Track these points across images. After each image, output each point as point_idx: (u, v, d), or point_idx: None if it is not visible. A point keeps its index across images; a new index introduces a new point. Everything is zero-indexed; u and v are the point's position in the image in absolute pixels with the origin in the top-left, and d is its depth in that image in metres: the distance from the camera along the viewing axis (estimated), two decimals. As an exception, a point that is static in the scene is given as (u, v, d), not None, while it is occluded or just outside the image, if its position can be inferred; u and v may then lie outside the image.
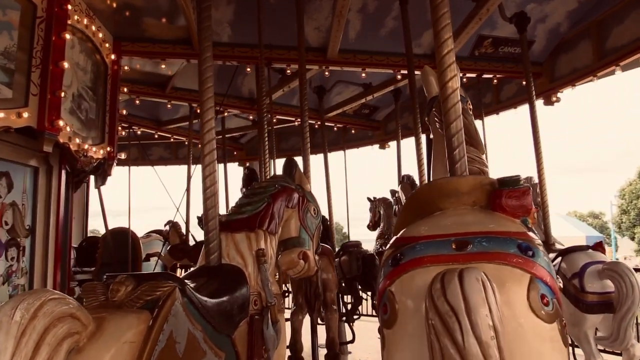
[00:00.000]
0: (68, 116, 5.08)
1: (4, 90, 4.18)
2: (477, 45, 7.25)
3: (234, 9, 6.33)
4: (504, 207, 1.73)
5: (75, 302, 1.60)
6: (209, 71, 2.91)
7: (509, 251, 1.53)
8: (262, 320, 2.58)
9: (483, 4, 5.90)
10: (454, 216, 1.76)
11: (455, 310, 1.27)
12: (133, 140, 10.61)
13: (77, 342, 1.59)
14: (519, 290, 1.48)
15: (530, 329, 1.46)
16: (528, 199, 1.74)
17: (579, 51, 6.93)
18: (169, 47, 6.72)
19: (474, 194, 1.81)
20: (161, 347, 1.76)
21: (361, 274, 6.42)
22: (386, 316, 1.65)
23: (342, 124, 10.55)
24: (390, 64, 7.25)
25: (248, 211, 2.82)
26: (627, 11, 6.07)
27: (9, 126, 4.19)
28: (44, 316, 1.46)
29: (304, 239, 3.06)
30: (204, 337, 2.07)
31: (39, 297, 1.49)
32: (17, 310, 1.42)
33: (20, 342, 1.40)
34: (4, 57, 4.21)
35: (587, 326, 4.18)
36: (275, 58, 6.90)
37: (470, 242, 1.56)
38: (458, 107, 2.02)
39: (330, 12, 6.22)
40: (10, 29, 4.29)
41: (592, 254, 4.34)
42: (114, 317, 1.74)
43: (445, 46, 2.07)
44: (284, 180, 3.10)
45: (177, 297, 1.93)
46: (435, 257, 1.56)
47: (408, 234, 1.77)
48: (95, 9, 5.72)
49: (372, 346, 6.98)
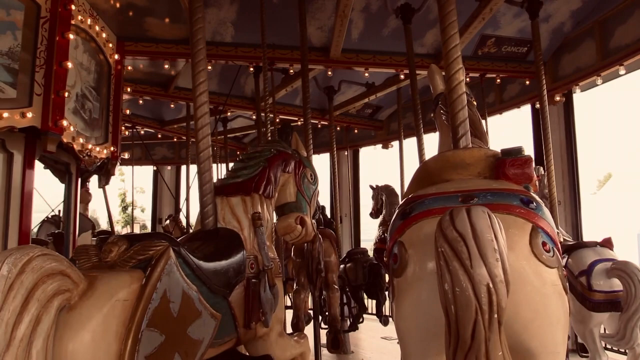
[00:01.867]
0: (72, 116, 5.09)
1: (8, 90, 4.20)
2: (480, 44, 7.24)
3: (237, 9, 6.33)
4: (507, 175, 1.81)
5: (65, 259, 1.56)
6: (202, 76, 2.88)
7: (512, 203, 1.63)
8: (259, 284, 2.54)
9: (486, 3, 5.88)
10: (460, 182, 1.85)
11: (463, 236, 1.34)
12: (136, 140, 10.65)
13: (68, 300, 1.55)
14: (522, 235, 1.56)
15: (533, 270, 1.53)
16: (530, 167, 1.83)
17: (582, 50, 6.92)
18: (172, 46, 6.73)
19: (479, 165, 1.89)
20: (155, 306, 1.72)
21: (367, 283, 6.40)
22: (396, 265, 1.71)
23: (345, 124, 10.55)
24: (393, 63, 7.24)
25: (243, 175, 2.79)
26: (630, 10, 6.05)
27: (13, 126, 4.21)
28: (33, 271, 1.42)
29: (301, 204, 3.03)
30: (199, 297, 2.02)
31: (26, 252, 1.45)
32: (3, 264, 1.38)
33: (7, 296, 1.36)
34: (8, 57, 4.23)
35: (593, 324, 4.16)
36: (278, 58, 6.91)
37: (476, 196, 1.66)
38: (463, 98, 2.11)
39: (333, 12, 6.22)
40: (14, 29, 4.30)
41: (600, 251, 4.29)
42: (106, 276, 1.70)
43: (452, 40, 2.14)
44: (280, 145, 3.06)
45: (171, 256, 1.88)
46: (443, 209, 1.60)
47: (416, 194, 1.85)
48: (98, 9, 5.73)
49: (376, 345, 6.99)
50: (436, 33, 6.81)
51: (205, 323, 2.04)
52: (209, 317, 2.07)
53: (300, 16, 5.40)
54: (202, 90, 2.85)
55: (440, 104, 2.85)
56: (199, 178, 2.81)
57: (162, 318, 1.75)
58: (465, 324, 1.29)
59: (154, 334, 1.71)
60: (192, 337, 1.93)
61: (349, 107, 9.55)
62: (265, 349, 2.69)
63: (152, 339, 1.70)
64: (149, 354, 1.67)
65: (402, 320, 1.71)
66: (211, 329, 2.10)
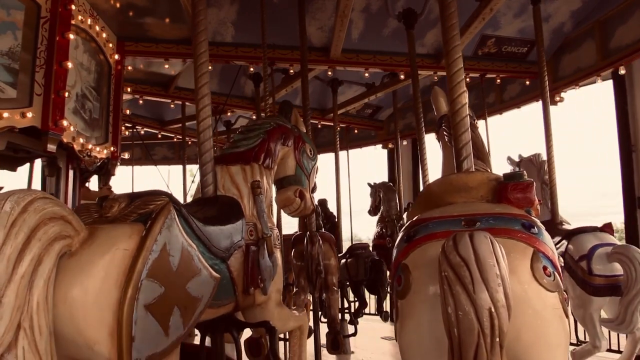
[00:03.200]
0: (72, 116, 5.10)
1: (8, 90, 4.20)
2: (481, 44, 7.24)
3: (237, 9, 6.34)
4: (509, 199, 1.86)
5: (67, 207, 1.57)
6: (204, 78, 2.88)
7: (514, 227, 1.67)
8: (258, 251, 2.57)
9: (486, 3, 5.88)
10: (463, 205, 1.90)
11: (466, 261, 1.39)
12: (137, 140, 10.65)
13: (69, 247, 1.56)
14: (523, 260, 1.60)
15: (534, 294, 1.56)
16: (532, 192, 1.87)
17: (582, 51, 6.91)
18: (172, 46, 6.73)
19: (482, 188, 1.94)
20: (155, 257, 1.72)
21: (368, 278, 6.42)
22: (400, 287, 1.74)
23: (345, 124, 10.56)
24: (393, 63, 7.25)
25: (243, 145, 2.81)
26: (631, 11, 6.05)
27: (13, 126, 4.21)
28: (35, 212, 1.43)
29: (300, 178, 3.06)
30: (199, 256, 2.03)
31: (29, 193, 1.45)
32: (6, 202, 1.38)
33: (10, 232, 1.36)
34: (8, 57, 4.23)
35: (593, 308, 4.15)
36: (278, 58, 6.91)
37: (479, 220, 1.71)
38: (466, 121, 2.16)
39: (333, 12, 6.22)
40: (15, 29, 4.30)
41: (600, 236, 4.28)
42: (107, 227, 1.72)
43: (455, 65, 2.18)
44: (280, 119, 3.09)
45: (171, 210, 1.88)
46: (446, 233, 1.65)
47: (420, 217, 1.89)
48: (99, 9, 5.74)
49: (375, 345, 6.99)
50: (436, 33, 6.81)
51: (204, 281, 2.04)
52: (207, 277, 2.07)
53: (300, 16, 5.40)
54: (205, 93, 2.86)
55: (444, 126, 2.93)
56: (198, 142, 2.80)
57: (161, 270, 1.76)
58: (467, 347, 1.35)
59: (154, 285, 1.71)
60: (191, 294, 1.94)
61: (349, 107, 9.55)
62: (264, 317, 2.70)
63: (152, 290, 1.70)
64: (148, 303, 1.67)
65: (406, 341, 1.74)
66: (210, 287, 2.09)
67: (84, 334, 1.55)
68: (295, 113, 3.27)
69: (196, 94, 2.85)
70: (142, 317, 1.64)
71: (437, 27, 6.56)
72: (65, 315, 1.52)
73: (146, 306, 1.66)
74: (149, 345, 1.68)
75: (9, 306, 1.32)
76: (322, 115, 9.85)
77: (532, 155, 5.44)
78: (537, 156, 5.37)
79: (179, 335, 1.85)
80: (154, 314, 1.70)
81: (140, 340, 1.63)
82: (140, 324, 1.63)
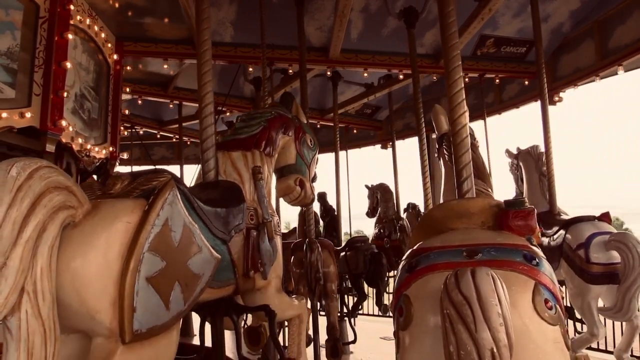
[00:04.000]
0: (70, 116, 5.09)
1: (6, 90, 4.20)
2: (480, 45, 7.24)
3: (237, 9, 6.33)
4: (510, 227, 1.86)
5: (71, 177, 1.59)
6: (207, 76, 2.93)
7: (515, 259, 1.66)
8: (259, 235, 2.59)
9: (485, 3, 5.88)
10: (464, 233, 1.90)
11: (468, 300, 1.39)
12: (135, 140, 10.64)
13: (72, 217, 1.58)
14: (524, 293, 1.59)
15: (535, 328, 1.56)
16: (533, 219, 1.87)
17: (581, 51, 6.92)
18: (171, 46, 6.73)
19: (483, 214, 1.94)
20: (156, 232, 1.75)
21: (367, 271, 6.44)
22: (402, 319, 1.74)
23: (344, 124, 10.55)
24: (392, 63, 7.25)
25: (244, 132, 2.85)
26: (629, 11, 6.05)
27: (11, 126, 4.21)
28: (40, 179, 1.44)
29: (301, 167, 3.10)
30: (200, 234, 2.05)
31: (34, 161, 1.46)
32: (12, 167, 1.40)
33: (16, 196, 1.37)
34: (7, 57, 4.22)
35: (591, 297, 4.16)
36: (277, 58, 6.90)
37: (480, 251, 1.70)
38: (467, 141, 2.17)
39: (332, 12, 6.21)
40: (13, 29, 4.30)
41: (598, 225, 4.30)
42: (111, 201, 1.76)
43: (455, 86, 2.18)
44: (281, 109, 3.12)
45: (174, 187, 1.91)
46: (447, 264, 1.67)
47: (421, 246, 1.90)
48: (97, 9, 5.73)
49: (374, 346, 6.98)
50: (435, 33, 6.81)
51: (206, 260, 2.07)
52: (209, 255, 2.10)
53: (298, 17, 5.39)
54: (208, 90, 2.91)
55: (445, 145, 2.96)
56: (200, 128, 2.84)
57: (163, 244, 1.78)
58: None
59: (155, 259, 1.74)
60: (193, 270, 1.96)
61: (348, 107, 9.55)
62: (264, 302, 2.72)
63: (154, 263, 1.73)
64: (150, 276, 1.70)
65: None
66: (211, 266, 2.12)
67: (86, 303, 1.58)
68: (296, 104, 3.31)
69: (199, 80, 2.89)
70: (143, 288, 1.67)
71: (436, 27, 6.55)
72: (68, 284, 1.55)
73: (148, 278, 1.69)
74: (150, 317, 1.71)
75: (13, 268, 1.34)
76: (321, 115, 9.84)
77: (529, 147, 5.45)
78: (535, 148, 5.36)
79: (179, 311, 1.88)
80: (155, 287, 1.72)
81: (141, 311, 1.66)
82: (142, 296, 1.66)
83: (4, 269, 1.33)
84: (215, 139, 2.85)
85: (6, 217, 1.34)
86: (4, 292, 1.32)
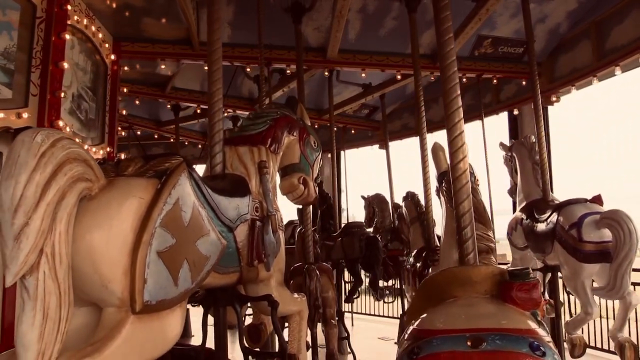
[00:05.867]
0: (68, 116, 5.08)
1: (3, 90, 4.18)
2: (477, 45, 7.25)
3: (234, 9, 6.33)
4: (514, 300, 1.83)
5: (89, 152, 1.65)
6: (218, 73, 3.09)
7: (521, 350, 1.64)
8: (263, 227, 2.66)
9: (483, 4, 5.89)
10: (467, 307, 1.87)
11: None
12: (133, 141, 10.62)
13: (89, 190, 1.65)
14: None
15: None
16: (538, 292, 1.85)
17: (578, 51, 6.94)
18: (169, 47, 6.72)
19: (486, 283, 1.92)
20: (168, 209, 1.82)
21: (363, 255, 6.46)
22: None
23: (342, 124, 10.56)
24: (390, 64, 7.25)
25: (251, 129, 2.94)
26: (627, 11, 6.08)
27: (8, 127, 4.19)
28: (62, 148, 1.51)
29: (304, 167, 3.17)
30: (208, 218, 2.13)
31: (56, 131, 1.54)
32: (37, 134, 1.46)
33: (40, 161, 1.43)
34: (4, 58, 4.21)
35: (584, 276, 4.20)
36: (275, 58, 6.90)
37: (484, 339, 1.68)
38: (468, 187, 2.15)
39: (330, 13, 6.22)
40: (10, 29, 4.28)
41: (590, 206, 4.35)
42: (125, 178, 1.84)
43: (456, 129, 2.15)
44: (286, 110, 3.21)
45: (185, 169, 1.99)
46: (451, 354, 1.65)
47: (424, 326, 1.87)
48: (95, 9, 5.72)
49: (373, 346, 6.99)
50: (433, 34, 6.82)
51: (213, 242, 2.14)
52: (216, 239, 2.17)
53: (295, 22, 5.39)
54: (218, 87, 3.06)
55: (444, 186, 2.96)
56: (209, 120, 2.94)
57: (174, 222, 1.85)
58: None
59: (167, 235, 1.80)
60: (200, 251, 2.03)
61: (346, 108, 9.56)
62: (266, 292, 2.78)
63: (165, 238, 1.79)
64: (161, 250, 1.77)
65: None
66: (218, 250, 2.19)
67: (100, 271, 1.63)
68: (301, 107, 3.42)
69: (209, 77, 3.03)
70: (154, 261, 1.73)
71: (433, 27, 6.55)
72: (83, 252, 1.60)
73: (159, 253, 1.76)
74: (160, 291, 1.77)
75: (34, 228, 1.40)
76: (318, 115, 9.85)
77: (522, 138, 5.51)
78: (527, 138, 5.44)
79: (187, 288, 1.93)
80: (165, 262, 1.79)
81: (152, 284, 1.72)
82: (153, 268, 1.73)
83: (25, 227, 1.39)
84: (222, 131, 2.94)
85: (30, 179, 1.40)
86: (24, 250, 1.38)
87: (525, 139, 5.46)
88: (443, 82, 2.20)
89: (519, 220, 5.15)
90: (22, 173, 1.40)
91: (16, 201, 1.38)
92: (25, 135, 1.45)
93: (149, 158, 1.98)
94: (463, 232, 2.13)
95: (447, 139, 2.20)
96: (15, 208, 1.38)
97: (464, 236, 2.13)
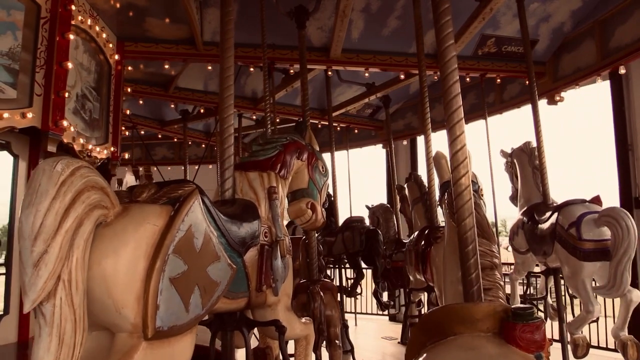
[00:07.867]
0: (72, 116, 5.10)
1: (8, 90, 4.20)
2: (481, 44, 7.23)
3: (238, 9, 6.33)
4: (517, 341, 1.77)
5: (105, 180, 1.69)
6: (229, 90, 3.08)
7: None
8: (272, 252, 2.70)
9: (486, 3, 5.87)
10: (469, 350, 1.80)
11: None
12: (136, 140, 10.65)
13: (105, 217, 1.68)
14: None
15: None
16: (542, 335, 1.78)
17: (582, 50, 6.91)
18: (172, 47, 6.73)
19: (488, 321, 1.86)
20: (181, 236, 1.86)
21: (364, 249, 6.47)
22: None
23: (345, 124, 10.56)
24: (393, 63, 7.24)
25: (261, 155, 2.99)
26: (630, 10, 6.05)
27: (13, 126, 4.22)
28: (81, 177, 1.55)
29: (313, 192, 3.21)
30: (219, 244, 2.16)
31: (75, 160, 1.58)
32: (57, 163, 1.50)
33: (59, 190, 1.47)
34: (8, 58, 4.23)
35: (585, 274, 4.21)
36: (278, 58, 6.91)
37: None
38: (470, 205, 2.09)
39: (333, 12, 6.21)
40: (15, 30, 4.30)
41: (589, 206, 4.38)
42: (139, 205, 1.87)
43: (458, 142, 2.13)
44: (295, 135, 3.26)
45: (198, 196, 2.03)
46: None
47: None
48: (99, 10, 5.74)
49: (374, 346, 6.99)
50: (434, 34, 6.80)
51: (223, 268, 2.18)
52: (226, 265, 2.21)
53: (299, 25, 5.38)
54: (229, 103, 3.09)
55: (447, 200, 2.93)
56: (219, 149, 3.01)
57: (186, 248, 1.89)
58: None
59: (179, 261, 1.84)
60: (211, 277, 2.06)
61: (349, 107, 9.56)
62: (274, 318, 2.82)
63: (177, 265, 1.83)
64: (173, 277, 1.80)
65: None
66: (228, 275, 2.22)
67: (114, 296, 1.66)
68: (309, 132, 3.47)
69: (221, 102, 3.06)
70: (167, 288, 1.77)
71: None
72: (98, 278, 1.64)
73: (171, 279, 1.79)
74: (171, 317, 1.80)
75: (53, 255, 1.43)
76: (322, 115, 9.85)
77: (522, 144, 5.53)
78: (527, 144, 5.46)
79: (197, 314, 1.96)
80: (177, 288, 1.82)
81: (164, 309, 1.75)
82: (165, 295, 1.76)
83: (45, 255, 1.41)
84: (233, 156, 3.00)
85: (50, 207, 1.44)
86: (43, 277, 1.40)
87: (525, 145, 5.48)
88: (442, 80, 2.18)
89: (520, 224, 5.17)
90: (42, 202, 1.43)
91: (36, 229, 1.41)
92: (46, 164, 1.49)
93: (163, 185, 2.02)
94: (466, 250, 2.06)
95: (448, 140, 2.18)
96: (35, 236, 1.41)
97: (467, 255, 2.06)
